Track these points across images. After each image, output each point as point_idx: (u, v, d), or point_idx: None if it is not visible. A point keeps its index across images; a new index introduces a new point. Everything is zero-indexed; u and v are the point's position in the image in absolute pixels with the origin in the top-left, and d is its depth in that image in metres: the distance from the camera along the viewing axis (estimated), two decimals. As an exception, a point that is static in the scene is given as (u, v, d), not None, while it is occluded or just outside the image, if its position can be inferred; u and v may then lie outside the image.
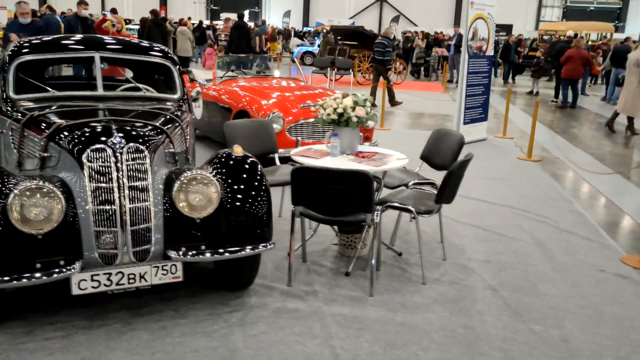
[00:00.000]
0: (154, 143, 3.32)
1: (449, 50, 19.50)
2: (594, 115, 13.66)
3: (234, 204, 3.30)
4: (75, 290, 2.96)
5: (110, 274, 3.01)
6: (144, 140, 3.24)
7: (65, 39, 4.58)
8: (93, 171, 3.04)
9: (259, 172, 3.47)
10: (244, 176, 3.41)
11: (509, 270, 4.23)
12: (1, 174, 3.02)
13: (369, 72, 18.13)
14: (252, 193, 3.36)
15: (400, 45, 23.44)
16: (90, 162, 3.06)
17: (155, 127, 3.51)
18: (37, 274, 2.85)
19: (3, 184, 2.91)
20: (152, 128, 3.47)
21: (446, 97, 15.56)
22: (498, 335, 3.31)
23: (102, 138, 3.13)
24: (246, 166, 3.47)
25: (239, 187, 3.35)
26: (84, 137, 3.15)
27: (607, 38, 25.67)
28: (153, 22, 13.86)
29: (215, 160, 3.51)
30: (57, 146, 3.27)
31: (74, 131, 3.23)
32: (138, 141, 3.20)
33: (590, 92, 18.27)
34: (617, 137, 10.61)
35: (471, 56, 8.82)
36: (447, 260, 4.35)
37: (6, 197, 2.83)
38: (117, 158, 3.08)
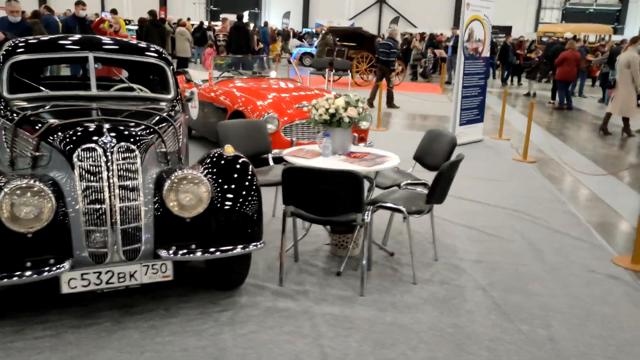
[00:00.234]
0: (145, 142, 3.34)
1: (447, 52, 19.52)
2: (592, 117, 13.68)
3: (225, 203, 3.31)
4: (65, 289, 2.98)
5: (100, 272, 3.03)
6: (135, 139, 3.25)
7: (59, 39, 4.59)
8: (83, 170, 3.06)
9: (250, 172, 3.49)
10: (235, 176, 3.43)
11: (499, 270, 4.24)
12: (-8, 172, 3.04)
13: (367, 73, 18.15)
14: (243, 193, 3.38)
15: (399, 47, 23.45)
16: (80, 162, 3.07)
17: (147, 127, 3.53)
18: (27, 273, 2.87)
19: None
20: (143, 128, 3.48)
21: (444, 99, 15.58)
22: (486, 335, 3.33)
23: (92, 137, 3.15)
24: (237, 166, 3.49)
25: (230, 186, 3.37)
26: (75, 136, 3.17)
27: (605, 40, 25.69)
28: (151, 22, 13.90)
29: (206, 160, 3.54)
30: (49, 145, 3.29)
31: (65, 131, 3.25)
32: (129, 141, 3.22)
33: (589, 94, 18.29)
34: (612, 139, 10.63)
35: (467, 57, 8.84)
36: (438, 260, 4.37)
37: (-4, 196, 2.84)
38: (107, 157, 3.09)
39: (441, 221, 5.21)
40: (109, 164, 3.09)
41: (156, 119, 3.85)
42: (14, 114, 3.78)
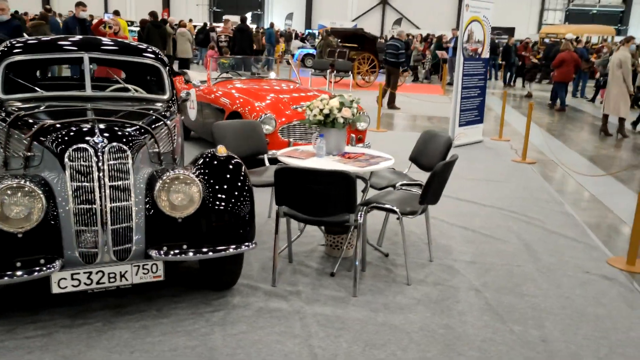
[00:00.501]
0: (137, 143, 3.35)
1: (448, 53, 19.50)
2: (592, 117, 13.65)
3: (216, 203, 3.32)
4: (55, 289, 2.99)
5: (90, 272, 3.03)
6: (126, 140, 3.26)
7: (55, 40, 4.61)
8: (74, 170, 3.07)
9: (242, 173, 3.49)
10: (227, 176, 3.43)
11: (493, 271, 4.24)
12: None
13: (368, 74, 18.15)
14: (235, 193, 3.39)
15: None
16: (71, 162, 3.08)
17: (139, 127, 3.54)
18: (18, 273, 2.88)
19: None
20: (135, 128, 3.49)
21: (445, 100, 15.55)
22: (478, 336, 3.32)
23: (83, 138, 3.15)
24: (229, 166, 3.49)
25: (222, 187, 3.38)
26: (66, 136, 3.18)
27: (607, 41, 25.63)
28: (152, 23, 13.93)
29: (199, 161, 3.54)
30: (40, 146, 3.30)
31: (56, 131, 3.25)
32: (120, 141, 3.22)
33: (591, 95, 18.22)
34: (613, 139, 10.60)
35: (466, 58, 8.84)
36: (433, 261, 4.36)
37: (-13, 196, 2.85)
38: (98, 158, 3.10)
39: (437, 222, 5.21)
40: (100, 164, 3.09)
41: (150, 119, 3.86)
42: (8, 115, 3.80)
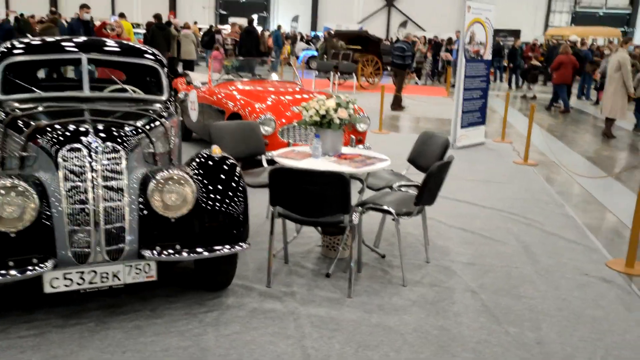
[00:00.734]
0: (132, 143, 3.35)
1: (452, 55, 19.47)
2: (596, 119, 13.58)
3: (210, 204, 3.32)
4: (47, 289, 2.99)
5: (83, 272, 3.03)
6: (121, 140, 3.26)
7: (54, 41, 4.63)
8: (68, 171, 3.07)
9: (237, 173, 3.49)
10: (222, 177, 3.44)
11: (491, 272, 4.21)
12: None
13: (372, 76, 18.14)
14: (229, 194, 3.39)
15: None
16: (65, 162, 3.09)
17: (134, 128, 3.54)
18: (10, 272, 2.88)
19: None
20: (130, 128, 3.49)
21: (449, 102, 15.49)
22: (472, 337, 3.30)
23: (78, 138, 3.16)
24: (224, 167, 3.49)
25: (216, 187, 3.38)
26: (61, 137, 3.18)
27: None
28: (157, 26, 13.99)
29: (194, 161, 3.55)
30: (36, 146, 3.31)
31: (51, 131, 3.26)
32: (115, 141, 3.23)
33: (595, 97, 18.14)
34: (616, 141, 10.55)
35: (468, 60, 8.81)
36: (430, 262, 4.34)
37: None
38: (92, 158, 3.11)
39: (436, 223, 5.19)
40: (93, 164, 3.10)
41: (146, 120, 3.86)
42: (6, 115, 3.81)
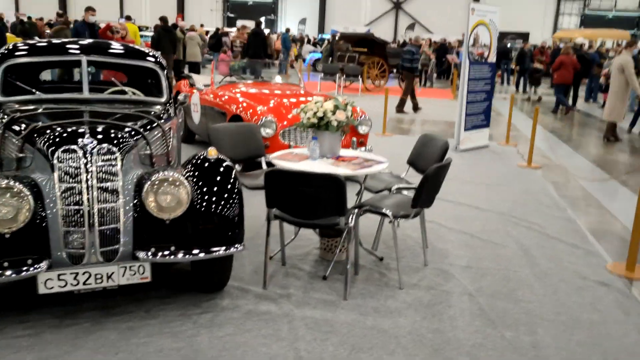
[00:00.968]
0: (127, 145, 3.36)
1: (459, 57, 19.42)
2: (602, 122, 13.47)
3: (205, 205, 3.32)
4: (41, 289, 3.00)
5: (77, 273, 3.04)
6: (116, 142, 3.27)
7: (55, 43, 4.66)
8: (63, 172, 3.09)
9: (232, 175, 3.49)
10: (217, 179, 3.44)
11: (489, 276, 4.19)
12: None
13: (378, 78, 18.12)
14: (224, 195, 3.39)
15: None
16: (60, 163, 3.10)
17: (131, 129, 3.55)
18: (7, 272, 2.90)
19: None
20: (127, 130, 3.50)
21: (455, 104, 15.44)
22: (468, 341, 3.28)
23: (73, 139, 3.17)
24: (219, 169, 3.50)
25: (211, 189, 3.38)
26: (56, 138, 3.20)
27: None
28: (163, 28, 14.05)
29: (190, 163, 3.55)
30: (32, 147, 3.32)
31: (47, 132, 3.28)
32: (110, 143, 3.24)
33: (602, 100, 18.04)
34: (622, 144, 10.47)
35: (472, 62, 8.79)
36: (428, 265, 4.33)
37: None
38: (87, 159, 3.12)
39: (435, 226, 5.17)
40: (88, 165, 3.11)
41: (143, 122, 3.87)
42: (5, 116, 3.83)
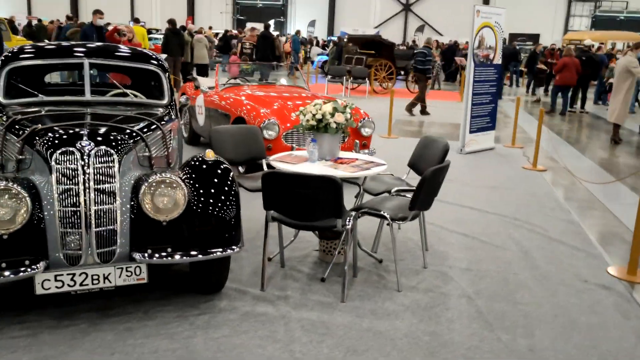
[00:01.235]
0: (126, 147, 3.38)
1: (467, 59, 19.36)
2: (609, 124, 13.38)
3: (202, 207, 3.34)
4: (38, 290, 3.03)
5: (74, 274, 3.07)
6: (114, 143, 3.30)
7: (57, 46, 4.71)
8: (60, 173, 3.11)
9: (229, 177, 3.51)
10: (214, 181, 3.46)
11: (488, 278, 4.18)
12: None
13: (385, 81, 18.11)
14: (221, 197, 3.40)
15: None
16: (58, 165, 3.13)
17: (129, 131, 3.58)
18: (5, 273, 2.93)
19: None
20: (125, 132, 3.53)
21: (462, 107, 15.40)
22: (463, 343, 3.27)
23: (71, 141, 3.20)
24: (217, 171, 3.51)
25: (208, 191, 3.40)
26: (55, 140, 3.23)
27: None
28: (171, 31, 14.15)
29: (188, 165, 3.57)
30: (31, 149, 3.36)
31: (46, 134, 3.31)
32: (108, 144, 3.26)
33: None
34: (629, 146, 10.40)
35: (477, 65, 8.77)
36: (427, 267, 4.32)
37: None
38: (85, 161, 3.14)
39: (436, 228, 5.16)
40: (85, 167, 3.13)
41: (143, 124, 3.90)
42: (8, 119, 3.88)
